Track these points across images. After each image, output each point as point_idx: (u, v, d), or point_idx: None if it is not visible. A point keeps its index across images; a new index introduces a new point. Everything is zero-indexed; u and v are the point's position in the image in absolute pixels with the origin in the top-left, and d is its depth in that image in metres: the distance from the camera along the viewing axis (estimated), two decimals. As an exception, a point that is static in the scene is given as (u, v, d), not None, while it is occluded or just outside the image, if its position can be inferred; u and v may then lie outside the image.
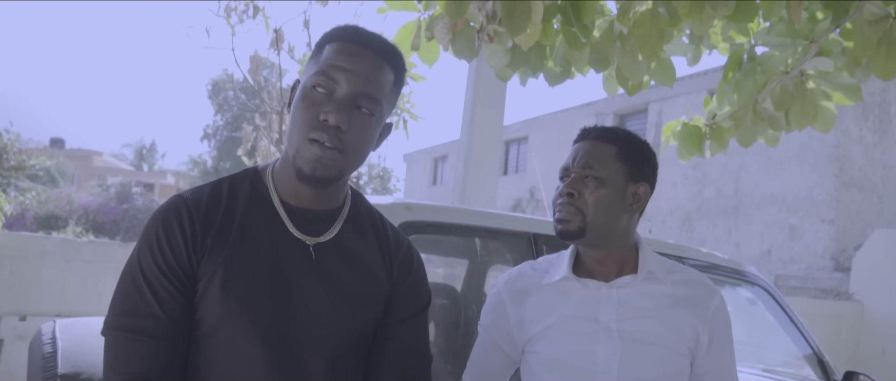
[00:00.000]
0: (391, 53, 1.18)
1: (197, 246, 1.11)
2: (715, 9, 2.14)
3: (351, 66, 1.12)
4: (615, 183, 1.46)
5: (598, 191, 1.44)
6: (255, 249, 1.13)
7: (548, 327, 1.48)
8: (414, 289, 1.28)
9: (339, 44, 1.15)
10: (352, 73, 1.12)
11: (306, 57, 4.87)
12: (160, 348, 1.08)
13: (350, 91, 1.12)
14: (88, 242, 5.73)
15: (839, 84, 2.60)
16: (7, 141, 8.30)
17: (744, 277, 3.14)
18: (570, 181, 1.47)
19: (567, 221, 1.45)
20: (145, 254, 1.10)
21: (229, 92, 27.33)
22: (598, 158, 1.47)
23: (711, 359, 1.50)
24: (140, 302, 1.08)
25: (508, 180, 17.96)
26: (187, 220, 1.12)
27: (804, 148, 10.93)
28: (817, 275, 10.06)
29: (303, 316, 1.14)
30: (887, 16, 2.19)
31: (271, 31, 4.70)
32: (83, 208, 14.37)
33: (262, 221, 1.16)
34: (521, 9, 2.10)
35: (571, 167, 1.49)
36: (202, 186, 1.21)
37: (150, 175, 38.19)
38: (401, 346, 1.22)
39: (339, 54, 1.13)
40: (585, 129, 1.55)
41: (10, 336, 4.94)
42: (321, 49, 1.17)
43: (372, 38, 1.17)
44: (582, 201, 1.45)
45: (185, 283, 1.10)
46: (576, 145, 1.53)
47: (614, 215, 1.46)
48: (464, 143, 5.58)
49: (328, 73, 1.12)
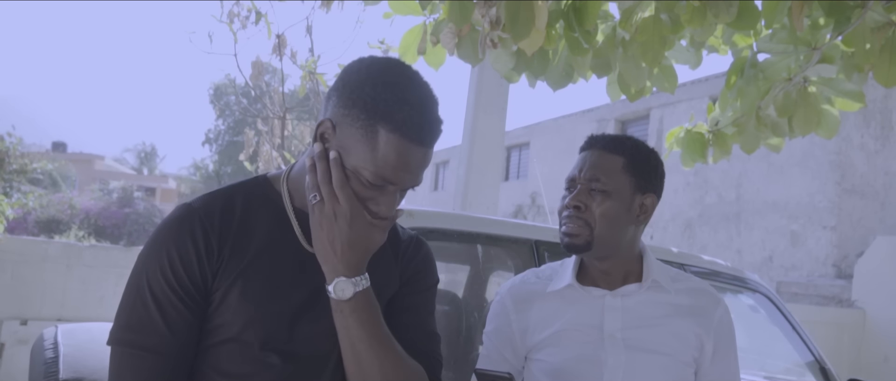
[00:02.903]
0: (440, 132, 1.11)
1: (212, 260, 1.10)
2: (717, 15, 2.14)
3: (409, 167, 1.08)
4: (622, 195, 1.45)
5: (604, 203, 1.43)
6: (272, 259, 1.13)
7: (552, 334, 1.47)
8: (420, 269, 1.29)
9: (400, 142, 1.05)
10: (411, 175, 1.09)
11: (309, 63, 4.87)
12: (165, 364, 1.07)
13: (404, 186, 1.11)
14: (90, 246, 5.73)
15: (842, 90, 2.60)
16: (9, 145, 8.31)
17: (745, 284, 3.13)
18: (577, 194, 1.46)
19: (574, 235, 1.45)
20: (154, 269, 1.09)
21: (231, 97, 27.37)
22: (605, 169, 1.45)
23: (715, 368, 1.49)
24: (145, 318, 1.08)
25: (510, 186, 17.97)
26: (201, 234, 1.10)
27: (806, 155, 10.92)
28: (819, 282, 10.04)
29: (317, 324, 1.14)
30: (889, 23, 2.19)
31: (274, 37, 4.70)
32: (85, 212, 14.36)
33: (277, 230, 1.16)
34: (525, 14, 2.11)
35: (578, 178, 1.47)
36: (212, 194, 1.18)
37: (151, 179, 38.24)
38: (406, 320, 1.22)
39: (399, 157, 1.06)
40: (593, 137, 1.52)
41: (11, 340, 4.94)
42: (374, 129, 1.05)
43: (433, 131, 1.09)
44: (589, 213, 1.44)
45: (196, 299, 1.10)
46: (582, 154, 1.51)
47: (621, 227, 1.46)
48: (465, 148, 5.58)
49: (385, 174, 1.06)
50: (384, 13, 2.50)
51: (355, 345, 1.11)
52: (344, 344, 1.12)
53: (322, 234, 1.08)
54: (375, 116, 1.05)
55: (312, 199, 1.09)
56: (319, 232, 1.09)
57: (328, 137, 1.10)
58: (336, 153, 1.08)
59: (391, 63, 1.12)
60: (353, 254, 1.09)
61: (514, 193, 17.72)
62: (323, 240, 1.09)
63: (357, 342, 1.11)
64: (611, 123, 14.97)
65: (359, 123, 1.06)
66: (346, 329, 1.11)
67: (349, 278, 1.09)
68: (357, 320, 1.10)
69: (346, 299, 1.09)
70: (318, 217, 1.08)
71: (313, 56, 4.95)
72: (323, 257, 1.10)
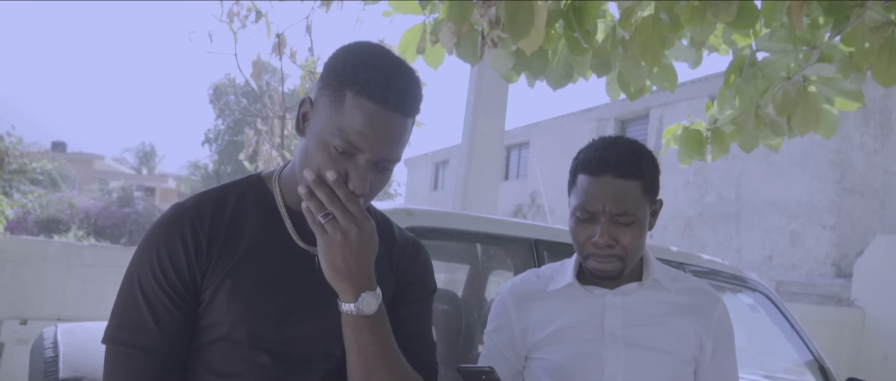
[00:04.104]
0: (415, 104, 1.09)
1: (201, 259, 1.10)
2: (716, 14, 2.14)
3: (376, 133, 1.05)
4: (643, 218, 1.44)
5: (631, 233, 1.41)
6: (262, 257, 1.13)
7: (553, 333, 1.48)
8: (419, 276, 1.28)
9: (363, 103, 1.04)
10: (377, 140, 1.05)
11: (309, 62, 4.87)
12: (156, 362, 1.08)
13: (373, 158, 1.06)
14: (90, 246, 5.73)
15: (841, 89, 2.61)
16: (8, 144, 8.31)
17: (745, 283, 3.13)
18: (605, 230, 1.40)
19: (609, 271, 1.43)
20: (144, 268, 1.10)
21: (231, 96, 27.35)
22: (628, 200, 1.40)
23: (714, 367, 1.50)
24: (137, 317, 1.09)
25: (509, 186, 17.96)
26: (190, 233, 1.10)
27: (805, 154, 10.92)
28: (819, 281, 10.04)
29: (308, 324, 1.14)
30: (888, 23, 2.19)
31: (273, 36, 4.70)
32: (84, 211, 14.36)
33: (269, 229, 1.16)
34: (524, 14, 2.11)
35: (601, 212, 1.40)
36: (205, 194, 1.19)
37: (151, 179, 38.21)
38: (405, 330, 1.21)
39: (364, 119, 1.04)
40: (604, 161, 1.41)
41: (10, 340, 4.94)
42: (341, 93, 1.05)
43: (399, 95, 1.06)
44: (619, 247, 1.41)
45: (186, 298, 1.10)
46: (597, 181, 1.41)
47: (643, 243, 1.47)
48: (465, 148, 5.58)
49: (350, 138, 1.04)
50: (384, 11, 2.50)
51: (369, 361, 1.10)
52: (354, 359, 1.11)
53: (336, 253, 1.05)
54: (343, 81, 1.05)
55: (322, 218, 1.06)
56: (333, 252, 1.05)
57: (308, 117, 1.11)
58: (335, 174, 1.06)
59: (368, 42, 1.13)
60: (368, 266, 1.08)
61: (513, 192, 17.71)
62: (338, 259, 1.06)
63: (372, 358, 1.10)
64: (610, 123, 14.96)
65: (328, 91, 1.07)
66: (360, 346, 1.10)
67: (372, 292, 1.09)
68: (374, 335, 1.10)
69: (370, 314, 1.08)
70: (328, 239, 1.05)
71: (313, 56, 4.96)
72: (343, 276, 1.06)
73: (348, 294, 1.08)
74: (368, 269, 1.08)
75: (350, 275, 1.07)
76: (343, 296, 1.08)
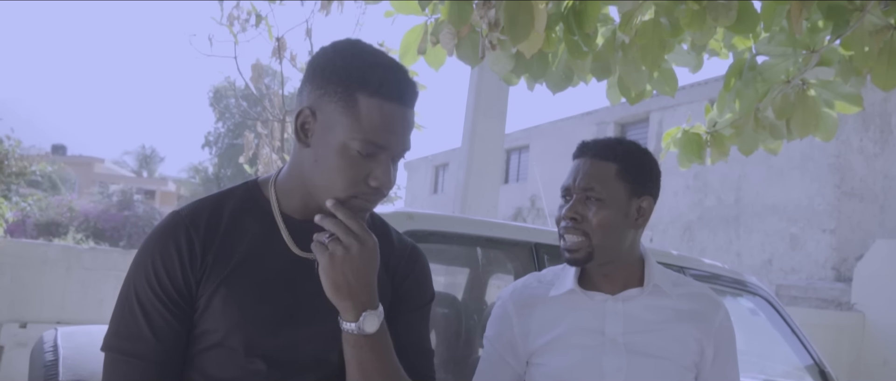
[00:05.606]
0: (417, 93, 1.13)
1: (195, 267, 1.11)
2: (716, 18, 2.14)
3: (396, 129, 1.08)
4: (617, 202, 1.44)
5: (600, 212, 1.43)
6: (257, 264, 1.13)
7: (553, 339, 1.47)
8: (417, 284, 1.28)
9: (380, 103, 1.06)
10: (398, 136, 1.09)
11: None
12: (153, 370, 1.09)
13: (395, 153, 1.10)
14: (89, 249, 5.73)
15: (840, 93, 2.60)
16: (8, 147, 8.32)
17: (745, 287, 3.13)
18: (573, 204, 1.45)
19: (574, 250, 1.45)
20: (140, 277, 1.11)
21: (231, 100, 27.34)
22: (599, 178, 1.44)
23: (716, 373, 1.50)
24: (133, 325, 1.09)
25: (509, 189, 17.97)
26: (185, 241, 1.11)
27: (805, 158, 10.93)
28: (818, 285, 10.04)
29: (304, 330, 1.14)
30: (888, 26, 2.19)
31: (274, 40, 4.71)
32: (84, 214, 14.37)
33: (264, 236, 1.15)
34: (524, 17, 2.11)
35: (572, 187, 1.47)
36: (201, 201, 1.19)
37: (151, 182, 38.24)
38: (404, 341, 1.21)
39: (384, 118, 1.06)
40: (584, 144, 1.51)
41: (10, 343, 4.93)
42: (352, 97, 1.06)
43: (407, 89, 1.09)
44: (586, 223, 1.43)
45: (181, 306, 1.10)
46: (575, 162, 1.50)
47: (619, 233, 1.46)
48: (465, 151, 5.58)
49: (374, 139, 1.06)
50: (385, 11, 2.50)
51: (370, 377, 1.11)
52: (354, 374, 1.11)
53: (338, 269, 1.06)
54: (352, 84, 1.06)
55: (326, 238, 1.07)
56: (335, 268, 1.06)
57: (309, 127, 1.10)
58: (333, 201, 1.07)
59: (353, 40, 1.14)
60: (370, 283, 1.08)
61: (513, 195, 17.72)
62: (339, 275, 1.06)
63: (372, 374, 1.11)
64: (610, 126, 14.98)
65: (337, 97, 1.07)
66: (361, 362, 1.10)
67: (375, 310, 1.09)
68: (375, 353, 1.10)
69: (372, 333, 1.09)
70: (329, 258, 1.06)
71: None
72: (345, 294, 1.07)
73: (349, 313, 1.08)
74: (371, 287, 1.08)
75: (351, 293, 1.07)
76: (344, 315, 1.09)
